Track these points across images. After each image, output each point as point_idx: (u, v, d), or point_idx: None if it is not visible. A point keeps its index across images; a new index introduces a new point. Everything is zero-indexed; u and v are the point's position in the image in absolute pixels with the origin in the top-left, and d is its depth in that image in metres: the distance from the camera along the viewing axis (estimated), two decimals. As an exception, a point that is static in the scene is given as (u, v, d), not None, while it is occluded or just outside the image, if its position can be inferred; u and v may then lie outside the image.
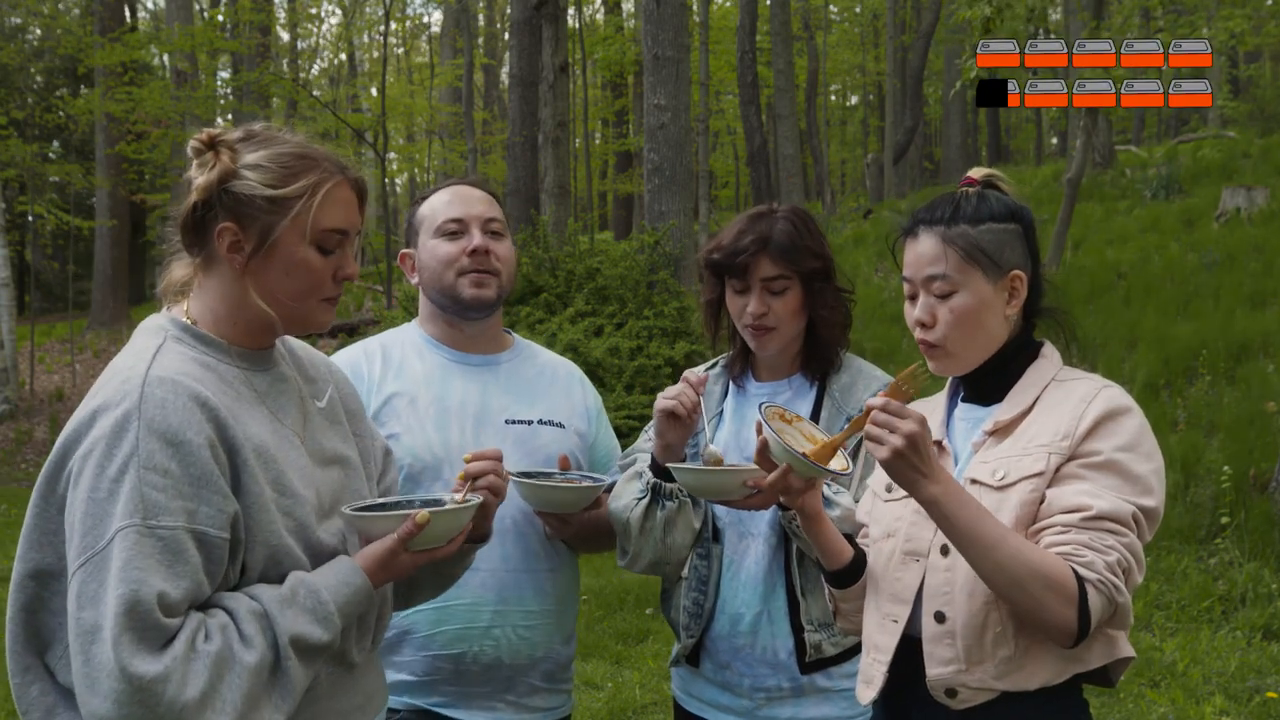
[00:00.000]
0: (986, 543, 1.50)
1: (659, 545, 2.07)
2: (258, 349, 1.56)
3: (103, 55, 16.14)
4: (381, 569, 1.50)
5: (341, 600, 1.44)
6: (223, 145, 1.49)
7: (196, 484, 1.35)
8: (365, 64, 35.80)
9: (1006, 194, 1.71)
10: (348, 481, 1.61)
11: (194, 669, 1.30)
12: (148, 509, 1.31)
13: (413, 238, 2.21)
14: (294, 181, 1.48)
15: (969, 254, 1.63)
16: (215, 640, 1.33)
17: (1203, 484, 5.99)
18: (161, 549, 1.31)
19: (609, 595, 6.00)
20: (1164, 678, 4.35)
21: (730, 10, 25.74)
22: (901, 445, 1.49)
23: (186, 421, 1.36)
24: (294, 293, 1.51)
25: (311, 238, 1.49)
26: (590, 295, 8.90)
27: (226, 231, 1.47)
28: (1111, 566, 1.49)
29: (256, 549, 1.41)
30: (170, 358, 1.44)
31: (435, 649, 2.03)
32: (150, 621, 1.29)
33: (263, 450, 1.44)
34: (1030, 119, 33.26)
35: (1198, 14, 9.92)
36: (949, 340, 1.66)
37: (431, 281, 2.15)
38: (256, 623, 1.37)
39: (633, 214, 27.36)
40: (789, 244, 2.06)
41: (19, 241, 23.17)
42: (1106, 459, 1.54)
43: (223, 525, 1.36)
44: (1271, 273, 9.08)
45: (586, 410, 2.28)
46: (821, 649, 2.06)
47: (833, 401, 2.13)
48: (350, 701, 1.55)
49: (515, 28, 13.88)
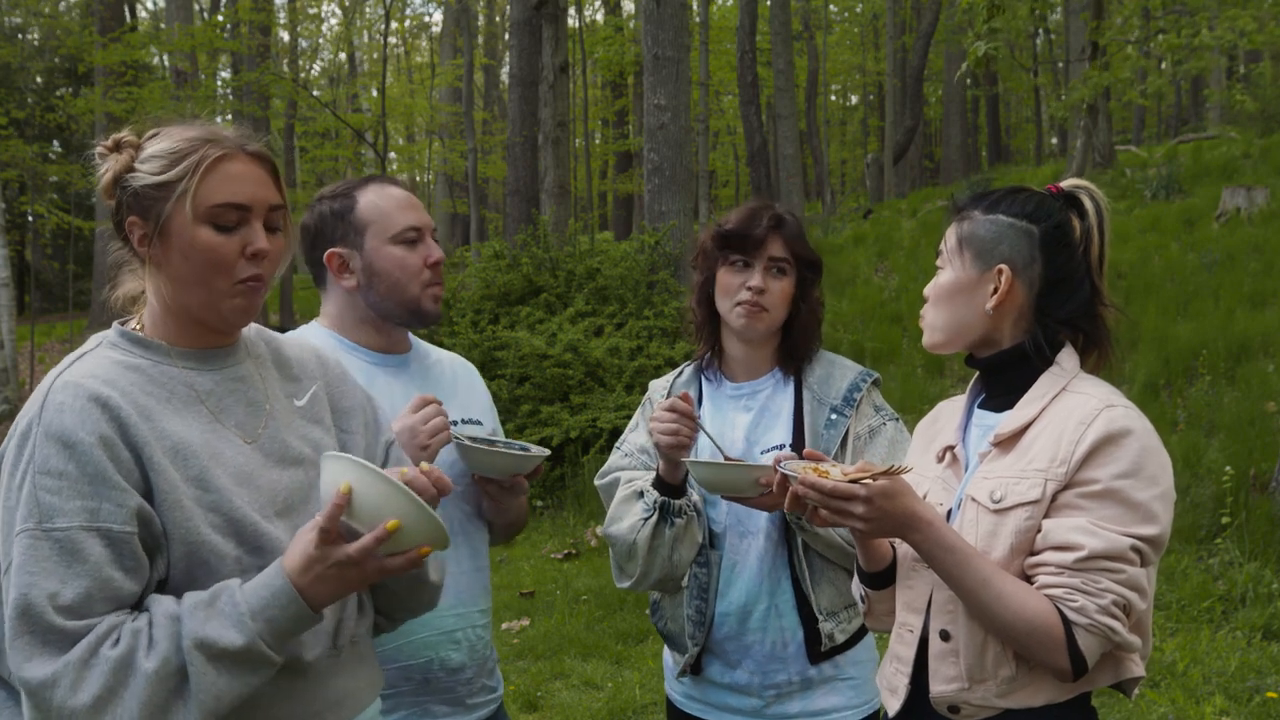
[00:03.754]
0: (968, 587, 1.52)
1: (666, 564, 2.09)
2: (209, 348, 1.55)
3: (103, 55, 16.13)
4: (304, 570, 1.38)
5: (256, 601, 1.36)
6: (126, 145, 1.50)
7: (94, 482, 1.35)
8: (365, 64, 35.80)
9: (1083, 204, 1.72)
10: (314, 480, 1.56)
11: (90, 675, 1.29)
12: (42, 512, 1.33)
13: (349, 236, 2.04)
14: (179, 164, 1.46)
15: (963, 235, 1.69)
16: (122, 645, 1.32)
17: (1203, 484, 5.99)
18: (57, 551, 1.32)
19: (609, 595, 6.00)
20: (1164, 678, 4.35)
21: (730, 10, 25.74)
22: (864, 527, 1.53)
23: (80, 422, 1.37)
24: (196, 276, 1.47)
25: (201, 215, 1.46)
26: (590, 295, 8.90)
27: (134, 226, 1.49)
28: (1105, 609, 1.47)
29: (175, 545, 1.41)
30: (88, 363, 1.46)
31: (404, 659, 2.00)
32: (43, 624, 1.29)
33: (181, 447, 1.43)
34: (1030, 119, 33.26)
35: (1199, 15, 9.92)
36: (928, 313, 1.73)
37: (389, 291, 2.03)
38: (167, 627, 1.35)
39: (633, 214, 27.37)
40: (797, 232, 2.16)
41: (19, 241, 23.17)
42: (1104, 488, 1.51)
43: (126, 520, 1.36)
44: (1271, 273, 9.07)
45: (489, 404, 2.28)
46: (834, 638, 2.09)
47: (811, 393, 2.16)
48: (303, 709, 1.51)
49: (515, 28, 13.87)
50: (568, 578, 6.46)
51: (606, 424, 7.77)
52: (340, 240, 2.05)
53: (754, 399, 2.18)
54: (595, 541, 7.13)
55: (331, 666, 1.56)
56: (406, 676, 2.01)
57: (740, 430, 2.17)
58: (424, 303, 2.06)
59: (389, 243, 2.03)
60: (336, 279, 2.06)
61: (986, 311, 1.66)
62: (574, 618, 5.76)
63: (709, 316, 2.21)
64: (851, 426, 2.13)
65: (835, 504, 1.51)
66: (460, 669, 2.06)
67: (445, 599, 2.00)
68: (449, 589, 2.02)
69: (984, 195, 1.73)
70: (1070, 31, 20.07)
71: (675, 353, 8.34)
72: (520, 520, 2.21)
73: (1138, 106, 24.74)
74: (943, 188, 20.99)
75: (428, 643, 2.02)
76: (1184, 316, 8.66)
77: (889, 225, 15.32)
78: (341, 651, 1.58)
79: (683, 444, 2.02)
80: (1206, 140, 17.43)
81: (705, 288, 2.20)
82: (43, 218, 19.96)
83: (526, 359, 8.07)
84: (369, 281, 2.04)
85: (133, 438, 1.39)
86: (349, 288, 2.05)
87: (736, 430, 2.17)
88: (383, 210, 2.04)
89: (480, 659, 2.12)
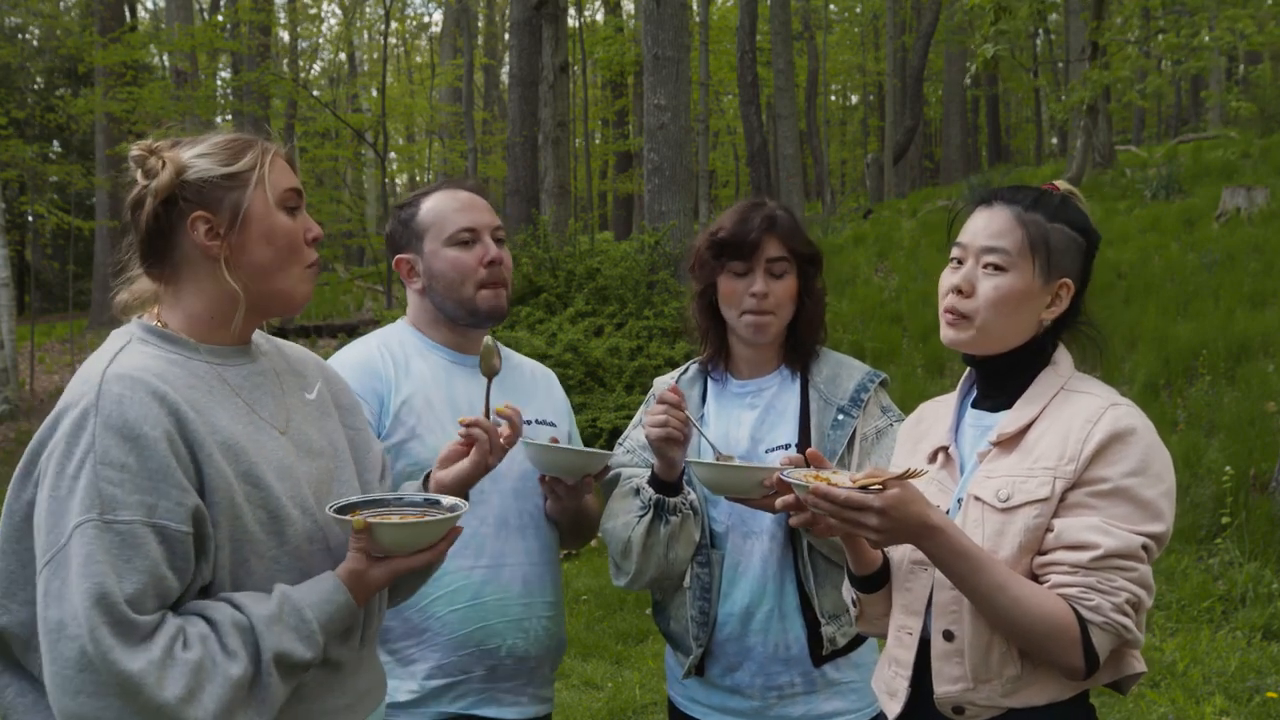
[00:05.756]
0: (983, 592, 1.50)
1: (662, 561, 2.08)
2: (235, 344, 1.57)
3: (103, 55, 16.12)
4: (358, 584, 1.49)
5: (325, 618, 1.45)
6: (161, 149, 1.52)
7: (154, 478, 1.35)
8: (365, 64, 35.80)
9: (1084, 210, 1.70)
10: (336, 472, 1.61)
11: (171, 674, 1.30)
12: (105, 503, 1.32)
13: (411, 242, 2.17)
14: (243, 156, 1.52)
15: (1036, 241, 1.61)
16: (195, 649, 1.33)
17: (1203, 484, 5.99)
18: (119, 543, 1.31)
19: (609, 595, 6.00)
20: (1164, 678, 4.35)
21: (730, 10, 25.74)
22: (877, 538, 1.51)
23: (143, 416, 1.36)
24: (277, 260, 1.53)
25: (277, 200, 1.53)
26: (590, 295, 8.90)
27: (199, 220, 1.49)
28: (1120, 607, 1.48)
29: (223, 545, 1.41)
30: (133, 356, 1.45)
31: (471, 646, 2.05)
32: (118, 615, 1.29)
33: (231, 443, 1.44)
34: (1030, 119, 33.25)
35: (1199, 15, 9.92)
36: (980, 314, 1.62)
37: (447, 291, 2.13)
38: (240, 636, 1.37)
39: (633, 214, 27.35)
40: (792, 227, 2.13)
41: (19, 241, 23.16)
42: (1114, 486, 1.51)
43: (183, 519, 1.36)
44: (1271, 273, 9.07)
45: (566, 409, 2.35)
46: (836, 641, 2.07)
47: (818, 394, 2.14)
48: (337, 701, 1.55)
49: (515, 28, 13.87)
50: (568, 578, 6.46)
51: (606, 424, 7.76)
52: (406, 246, 2.18)
53: (759, 397, 2.17)
54: (595, 542, 7.12)
55: (359, 660, 1.61)
56: (476, 662, 2.05)
57: (745, 429, 2.15)
58: (479, 301, 2.12)
59: (444, 245, 2.13)
60: (407, 282, 2.20)
61: (1041, 323, 1.65)
62: (574, 618, 5.76)
63: (713, 323, 2.20)
64: (859, 427, 2.11)
65: (848, 515, 1.48)
66: (526, 658, 2.10)
67: (513, 588, 2.09)
68: (517, 578, 2.09)
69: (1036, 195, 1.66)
70: (1070, 31, 20.07)
71: (675, 353, 8.34)
72: (586, 523, 2.24)
73: (1138, 107, 24.73)
74: (943, 188, 20.98)
75: (496, 629, 2.06)
76: (1184, 316, 8.66)
77: (889, 225, 15.31)
78: (367, 646, 1.63)
79: (672, 437, 2.00)
80: (1206, 140, 17.42)
81: (706, 295, 2.18)
82: (43, 218, 19.95)
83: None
84: (430, 283, 2.15)
85: (191, 434, 1.40)
86: (417, 290, 2.18)
87: (741, 429, 2.16)
88: (440, 213, 2.15)
89: (546, 651, 2.15)
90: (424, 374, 2.13)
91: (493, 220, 2.17)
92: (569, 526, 2.23)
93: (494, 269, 2.12)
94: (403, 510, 1.57)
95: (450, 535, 1.53)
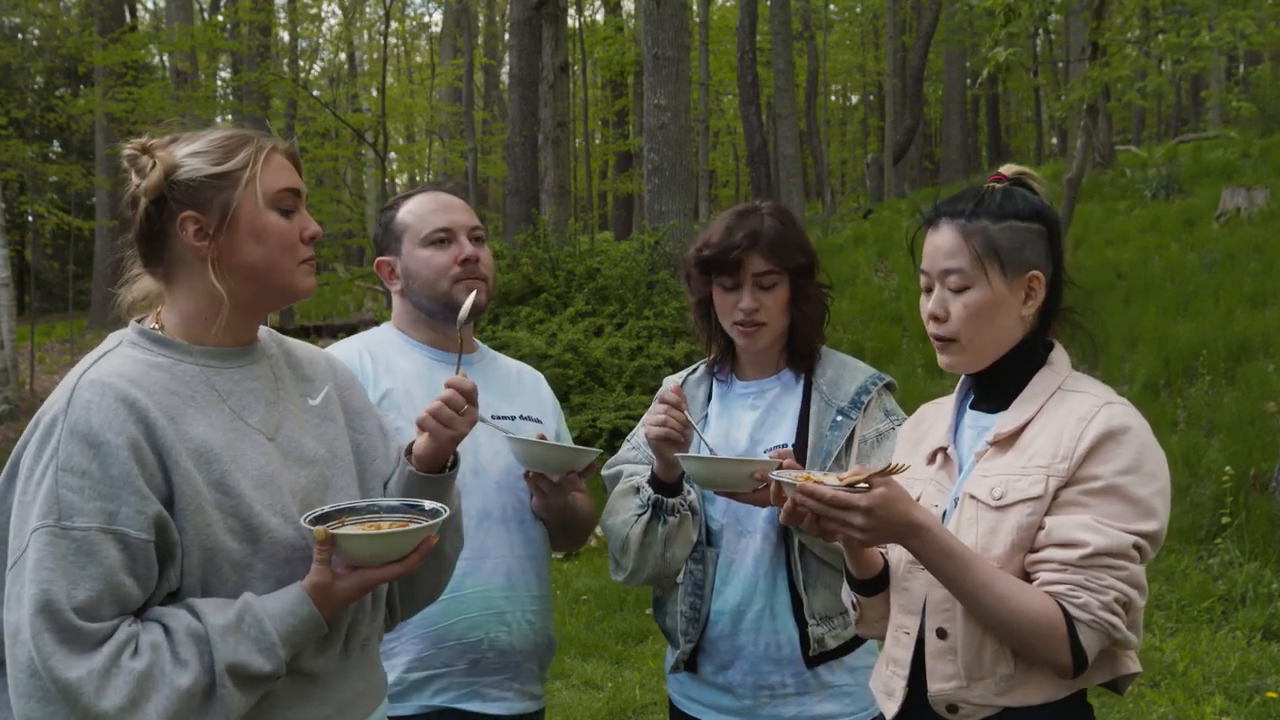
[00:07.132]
0: (969, 591, 1.51)
1: (658, 560, 2.08)
2: (235, 345, 1.56)
3: (103, 55, 16.11)
4: (324, 596, 1.45)
5: (286, 630, 1.41)
6: (155, 148, 1.51)
7: (115, 484, 1.34)
8: (365, 64, 35.78)
9: (1036, 193, 1.68)
10: (332, 479, 1.59)
11: (114, 683, 1.29)
12: (62, 510, 1.32)
13: (391, 244, 2.21)
14: (235, 155, 1.51)
15: (986, 250, 1.60)
16: (144, 658, 1.32)
17: (1203, 484, 5.99)
18: (74, 550, 1.31)
19: (609, 595, 6.00)
20: (1164, 678, 4.35)
21: (730, 10, 25.74)
22: (863, 537, 1.51)
23: (107, 422, 1.36)
24: (268, 259, 1.52)
25: (268, 200, 1.51)
26: (590, 295, 8.90)
27: (189, 220, 1.49)
28: (1108, 605, 1.48)
29: (191, 552, 1.40)
30: (112, 361, 1.45)
31: (452, 639, 2.05)
32: (62, 621, 1.29)
33: (204, 450, 1.43)
34: (1030, 119, 33.25)
35: (1199, 15, 9.91)
36: (962, 335, 1.63)
37: (423, 290, 2.16)
38: (194, 645, 1.36)
39: (633, 214, 27.36)
40: (778, 240, 2.08)
41: (19, 241, 23.16)
42: (1107, 484, 1.51)
43: (144, 526, 1.35)
44: (1271, 273, 9.07)
45: (554, 408, 2.36)
46: (824, 643, 2.06)
47: (821, 395, 2.14)
48: (315, 712, 1.53)
49: (515, 28, 13.87)
50: (568, 578, 6.46)
51: (606, 424, 7.77)
52: (387, 249, 2.22)
53: (761, 398, 2.18)
54: (595, 542, 7.12)
55: (342, 670, 1.57)
56: (458, 655, 2.06)
57: (745, 429, 2.16)
58: (455, 296, 2.13)
59: (420, 245, 2.17)
60: (388, 284, 2.24)
61: (1023, 318, 1.64)
62: (574, 618, 5.76)
63: (715, 329, 2.20)
64: (858, 429, 2.10)
65: (834, 514, 1.49)
66: (510, 652, 2.11)
67: (496, 580, 2.09)
68: (499, 570, 2.10)
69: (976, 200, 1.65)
70: (1070, 31, 20.06)
71: (675, 353, 8.35)
72: (577, 524, 2.23)
73: (1138, 107, 24.73)
74: (943, 188, 20.98)
75: (477, 622, 2.07)
76: (1184, 316, 8.66)
77: (889, 225, 15.31)
78: (352, 655, 1.59)
79: (671, 438, 1.99)
80: (1206, 140, 17.43)
81: (703, 306, 2.19)
82: (43, 218, 19.95)
83: (526, 359, 8.07)
84: (408, 284, 2.19)
85: (159, 441, 1.39)
86: (398, 291, 2.22)
87: (741, 429, 2.16)
88: (417, 215, 2.19)
89: (531, 646, 2.15)
90: (405, 370, 2.15)
91: (469, 220, 2.20)
92: (558, 526, 2.23)
93: (469, 266, 2.15)
94: (387, 518, 1.54)
95: (423, 546, 1.49)
